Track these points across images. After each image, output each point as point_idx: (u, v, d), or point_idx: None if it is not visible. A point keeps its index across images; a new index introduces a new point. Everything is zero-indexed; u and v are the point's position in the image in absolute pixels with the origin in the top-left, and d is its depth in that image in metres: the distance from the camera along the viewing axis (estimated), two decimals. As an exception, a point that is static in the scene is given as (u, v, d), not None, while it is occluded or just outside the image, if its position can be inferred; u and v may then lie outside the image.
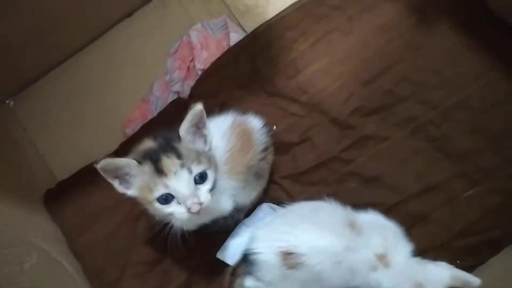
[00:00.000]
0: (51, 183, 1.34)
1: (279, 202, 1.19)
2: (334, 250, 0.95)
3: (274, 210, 1.24)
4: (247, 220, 1.24)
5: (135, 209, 1.23)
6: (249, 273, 1.04)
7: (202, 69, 1.39)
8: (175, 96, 1.40)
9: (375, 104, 1.25)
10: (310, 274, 0.96)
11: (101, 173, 0.80)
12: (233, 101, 1.29)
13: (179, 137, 0.82)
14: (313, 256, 0.92)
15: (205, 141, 0.86)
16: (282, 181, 1.28)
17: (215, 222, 1.12)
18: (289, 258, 0.96)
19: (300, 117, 1.32)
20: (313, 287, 0.99)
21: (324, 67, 1.33)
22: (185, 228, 0.92)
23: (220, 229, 1.20)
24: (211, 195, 0.82)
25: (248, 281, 1.05)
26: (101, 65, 1.45)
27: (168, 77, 1.39)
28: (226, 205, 1.05)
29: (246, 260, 1.01)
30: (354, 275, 0.95)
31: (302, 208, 1.09)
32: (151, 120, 1.37)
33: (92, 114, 1.41)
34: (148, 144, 0.86)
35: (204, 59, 1.40)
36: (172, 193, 0.79)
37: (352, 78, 1.27)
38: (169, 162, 0.79)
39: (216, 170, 0.86)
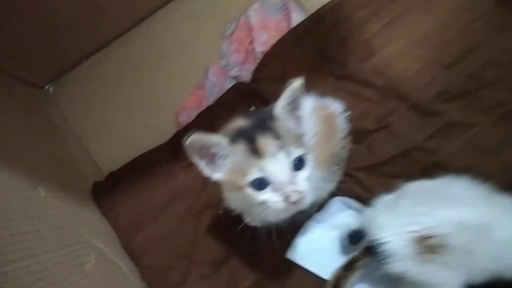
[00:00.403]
0: (97, 176, 1.28)
1: (353, 196, 1.11)
2: (483, 224, 0.81)
3: (349, 205, 1.14)
4: (318, 216, 1.13)
5: (198, 202, 1.15)
6: (374, 266, 0.92)
7: (262, 52, 1.29)
8: (233, 82, 1.30)
9: (458, 88, 1.14)
10: (458, 256, 0.83)
11: (187, 150, 0.72)
12: None
13: (273, 116, 0.74)
14: (460, 235, 0.80)
15: (299, 123, 0.78)
16: (357, 173, 1.16)
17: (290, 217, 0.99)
18: (427, 243, 0.83)
19: (375, 103, 1.20)
20: (459, 273, 0.86)
21: (401, 49, 1.21)
22: (263, 223, 0.85)
23: (290, 225, 1.08)
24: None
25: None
26: (150, 48, 1.35)
27: (224, 61, 1.31)
28: (308, 197, 0.94)
29: (370, 252, 0.88)
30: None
31: (425, 185, 0.96)
32: (209, 107, 1.27)
33: (140, 101, 1.33)
34: (239, 122, 0.78)
35: (264, 41, 1.30)
36: (268, 177, 0.71)
37: (432, 61, 1.16)
38: (266, 142, 0.71)
39: (311, 158, 0.76)
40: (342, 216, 1.13)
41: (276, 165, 0.70)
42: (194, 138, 0.70)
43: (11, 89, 1.13)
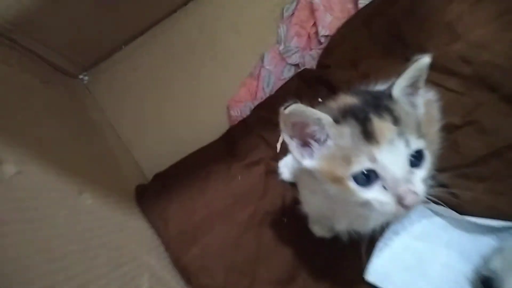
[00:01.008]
0: (138, 178, 1.15)
1: (437, 202, 0.90)
2: None
3: (436, 212, 1.01)
4: (396, 225, 0.99)
5: (259, 208, 1.02)
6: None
7: (326, 36, 1.16)
8: (292, 70, 1.18)
9: None
10: None
11: (282, 122, 0.60)
12: (374, 72, 1.04)
13: (391, 96, 0.62)
14: None
15: (416, 105, 0.67)
16: (440, 175, 1.01)
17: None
18: None
19: (460, 94, 1.06)
20: None
21: (491, 32, 1.06)
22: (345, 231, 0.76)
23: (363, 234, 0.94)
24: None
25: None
26: (198, 33, 1.21)
27: (282, 47, 1.19)
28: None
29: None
30: None
31: None
32: (269, 99, 1.14)
33: (186, 93, 1.21)
34: (346, 99, 0.66)
35: (328, 24, 1.16)
36: (380, 171, 0.58)
37: None
38: (383, 125, 0.59)
39: (430, 155, 0.64)
40: (427, 224, 1.01)
41: (392, 155, 0.57)
42: (296, 108, 0.58)
43: (42, 75, 0.98)
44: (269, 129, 1.09)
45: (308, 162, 0.63)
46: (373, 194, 0.58)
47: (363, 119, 0.60)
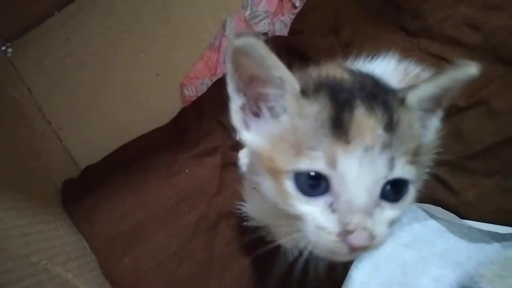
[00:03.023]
0: (70, 171, 1.00)
1: (433, 202, 0.90)
2: None
3: (432, 214, 0.88)
4: None
5: (212, 209, 0.91)
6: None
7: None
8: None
9: None
10: None
11: (230, 60, 0.47)
12: (360, 41, 0.97)
13: (402, 101, 0.49)
14: None
15: (427, 129, 0.55)
16: (439, 169, 0.87)
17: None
18: None
19: None
20: None
21: None
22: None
23: None
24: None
25: None
26: None
27: (248, 12, 1.08)
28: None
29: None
30: None
31: None
32: None
33: (132, 69, 1.07)
34: (336, 72, 0.52)
35: None
36: (335, 183, 0.44)
37: None
38: (367, 122, 0.45)
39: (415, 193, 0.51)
40: (420, 229, 0.88)
41: (362, 169, 0.44)
42: (254, 44, 0.44)
43: None
44: (228, 112, 0.92)
45: (247, 135, 0.50)
46: (313, 209, 0.45)
47: (343, 103, 0.46)
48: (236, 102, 0.50)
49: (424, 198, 0.85)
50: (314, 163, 0.44)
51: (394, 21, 0.98)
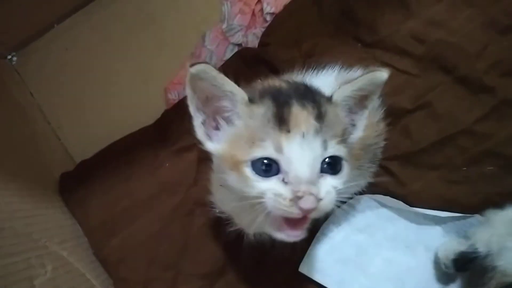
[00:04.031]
0: (67, 165, 1.07)
1: (384, 193, 0.95)
2: None
3: (383, 203, 0.95)
4: (338, 216, 0.94)
5: (188, 198, 0.97)
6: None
7: (272, 14, 1.11)
8: (235, 50, 1.12)
9: None
10: None
11: (189, 86, 0.55)
12: (319, 52, 1.04)
13: (329, 98, 0.58)
14: None
15: (356, 126, 0.63)
16: (389, 163, 0.98)
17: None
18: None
19: (413, 76, 1.01)
20: None
21: (445, 8, 1.01)
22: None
23: None
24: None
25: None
26: (133, 11, 1.14)
27: (225, 25, 1.13)
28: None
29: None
30: None
31: None
32: None
33: (122, 75, 1.14)
34: (275, 83, 0.62)
35: (274, 0, 1.11)
36: (283, 164, 0.53)
37: (486, 23, 0.98)
38: (302, 114, 0.54)
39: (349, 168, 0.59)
40: (372, 216, 0.96)
41: (302, 150, 0.52)
42: (205, 70, 0.53)
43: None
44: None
45: (210, 145, 0.59)
46: (270, 185, 0.52)
47: (282, 103, 0.54)
48: (197, 120, 0.58)
49: (376, 188, 0.93)
50: (265, 150, 0.52)
51: (352, 34, 1.05)
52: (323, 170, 0.53)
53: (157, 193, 0.96)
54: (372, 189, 0.95)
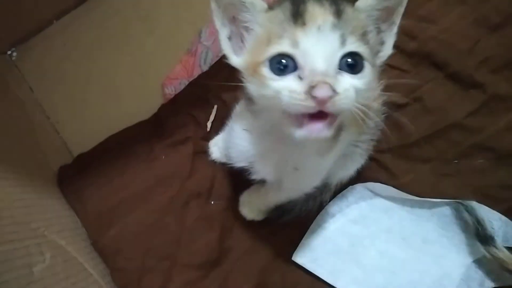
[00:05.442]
0: (65, 158, 1.08)
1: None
2: None
3: (374, 193, 0.96)
4: (332, 207, 0.95)
5: (184, 190, 0.98)
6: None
7: None
8: None
9: (508, 55, 0.98)
10: None
11: (212, 1, 0.56)
12: None
13: (351, 3, 0.56)
14: None
15: (385, 43, 0.61)
16: (381, 156, 0.99)
17: (292, 203, 0.86)
18: None
19: (405, 72, 1.03)
20: None
21: (437, 6, 1.03)
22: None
23: (296, 216, 0.91)
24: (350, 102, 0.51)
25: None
26: (130, 8, 1.13)
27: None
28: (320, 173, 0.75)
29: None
30: None
31: None
32: (202, 75, 1.08)
33: (120, 71, 1.14)
34: None
35: None
36: (299, 58, 0.51)
37: (477, 20, 1.00)
38: (317, 9, 0.52)
39: (372, 77, 0.55)
40: (366, 207, 0.96)
41: (318, 43, 0.51)
42: None
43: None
44: (200, 107, 1.04)
45: (235, 59, 0.59)
46: (285, 83, 0.51)
47: (299, 2, 0.54)
48: (223, 33, 0.59)
49: (366, 180, 0.95)
50: (281, 46, 0.51)
51: None
52: (342, 68, 0.51)
53: (153, 185, 0.97)
54: (365, 181, 0.97)
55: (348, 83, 0.51)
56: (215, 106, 1.03)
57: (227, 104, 1.00)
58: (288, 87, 0.50)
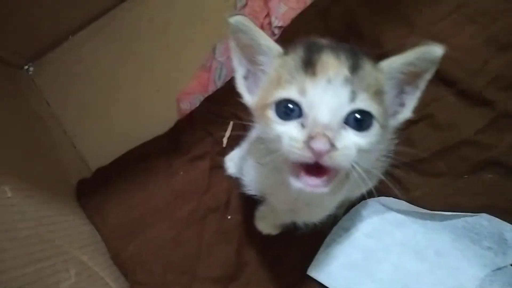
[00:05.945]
0: (83, 173, 1.10)
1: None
2: None
3: (392, 206, 0.97)
4: (345, 221, 0.97)
5: (201, 204, 0.99)
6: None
7: (280, 27, 1.12)
8: None
9: None
10: None
11: (231, 40, 0.57)
12: None
13: (374, 62, 0.55)
14: None
15: (405, 106, 0.60)
16: (394, 170, 0.98)
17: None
18: None
19: None
20: None
21: (449, 25, 1.03)
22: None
23: (311, 230, 0.88)
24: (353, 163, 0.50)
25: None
26: (146, 24, 1.16)
27: None
28: (332, 205, 0.76)
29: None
30: None
31: None
32: (218, 92, 1.09)
33: (135, 86, 1.15)
34: (315, 38, 0.59)
35: (282, 15, 1.12)
36: (304, 107, 0.51)
37: (487, 39, 1.01)
38: (332, 61, 0.51)
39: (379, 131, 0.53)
40: (378, 222, 0.97)
41: (325, 94, 0.50)
42: (242, 21, 0.54)
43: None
44: (216, 123, 1.06)
45: (248, 98, 0.59)
46: (288, 128, 0.51)
47: (314, 50, 0.53)
48: (239, 72, 0.59)
49: (381, 194, 0.94)
50: (289, 92, 0.51)
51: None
52: (349, 123, 0.50)
53: (172, 200, 0.99)
54: (377, 194, 0.99)
55: (350, 139, 0.50)
56: (231, 122, 1.04)
57: (242, 120, 1.01)
58: (289, 133, 0.50)
